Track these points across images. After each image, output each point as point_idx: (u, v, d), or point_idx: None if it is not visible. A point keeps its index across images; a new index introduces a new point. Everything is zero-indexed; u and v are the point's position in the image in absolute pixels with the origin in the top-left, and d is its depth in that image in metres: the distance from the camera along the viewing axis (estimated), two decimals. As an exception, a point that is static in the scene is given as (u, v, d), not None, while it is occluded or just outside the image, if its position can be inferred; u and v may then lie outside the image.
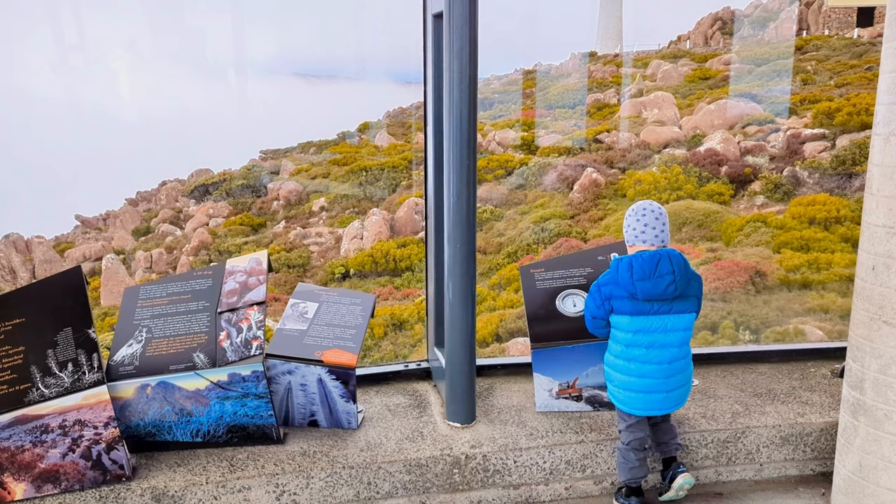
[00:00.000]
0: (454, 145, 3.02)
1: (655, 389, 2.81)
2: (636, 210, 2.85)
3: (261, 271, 3.10)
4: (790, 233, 16.43)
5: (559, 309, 3.32)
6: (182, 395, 2.84)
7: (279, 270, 20.14)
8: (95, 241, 29.50)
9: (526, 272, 3.49)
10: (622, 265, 2.79)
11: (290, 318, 3.11)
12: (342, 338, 3.03)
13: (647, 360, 2.79)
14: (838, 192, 18.38)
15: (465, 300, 3.15)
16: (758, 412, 3.32)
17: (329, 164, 29.20)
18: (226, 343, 2.88)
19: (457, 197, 3.05)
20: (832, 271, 14.36)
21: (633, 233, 2.83)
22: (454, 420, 3.22)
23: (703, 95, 27.29)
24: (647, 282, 2.72)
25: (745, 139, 22.05)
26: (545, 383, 3.30)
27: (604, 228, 18.48)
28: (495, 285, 15.19)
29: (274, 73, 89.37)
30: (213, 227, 25.61)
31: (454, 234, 3.08)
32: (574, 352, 3.23)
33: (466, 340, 3.18)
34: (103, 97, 66.89)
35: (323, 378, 2.96)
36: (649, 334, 2.78)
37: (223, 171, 32.22)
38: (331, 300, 3.20)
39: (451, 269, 3.13)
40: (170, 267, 23.93)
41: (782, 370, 3.81)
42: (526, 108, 31.52)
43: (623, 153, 22.49)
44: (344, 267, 19.20)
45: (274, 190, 27.35)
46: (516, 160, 23.24)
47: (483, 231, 19.70)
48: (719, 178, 20.03)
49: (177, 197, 32.49)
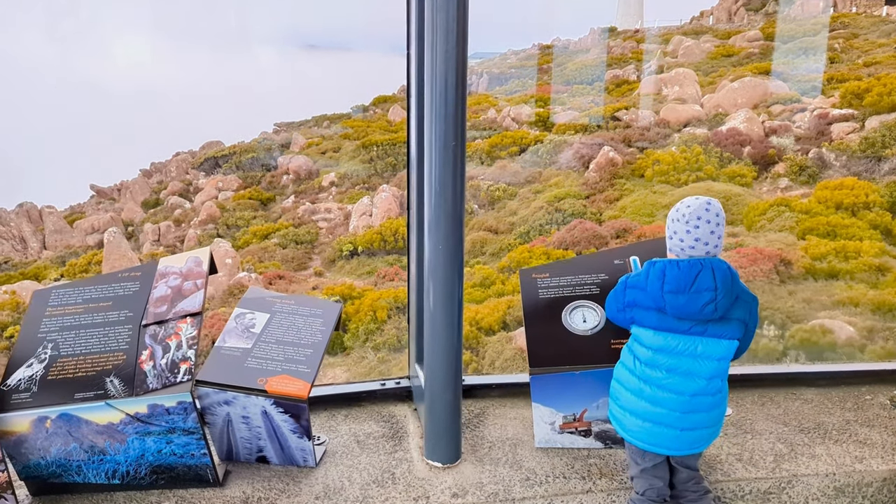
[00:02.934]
0: (437, 124, 2.41)
1: (667, 423, 2.23)
2: (688, 216, 2.19)
3: (200, 274, 2.53)
4: (816, 218, 15.68)
5: (566, 325, 2.72)
6: (91, 430, 2.28)
7: (287, 246, 19.68)
8: (105, 213, 29.24)
9: (527, 277, 2.89)
10: (653, 271, 2.22)
11: (233, 334, 2.53)
12: (294, 360, 2.45)
13: (665, 387, 2.22)
14: (867, 176, 17.56)
15: (449, 311, 2.56)
16: (806, 454, 2.72)
17: (340, 139, 28.69)
18: (148, 365, 2.31)
19: (440, 186, 2.44)
20: (861, 260, 13.63)
21: (680, 245, 2.21)
22: (434, 459, 2.65)
23: (725, 73, 26.36)
24: (681, 296, 2.14)
25: (770, 119, 21.19)
26: (546, 415, 2.72)
27: (619, 209, 17.80)
28: (505, 268, 14.56)
29: (287, 44, 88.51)
30: (222, 201, 25.21)
31: (436, 231, 2.49)
32: (583, 379, 2.64)
33: (450, 362, 2.60)
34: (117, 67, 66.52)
35: (268, 410, 2.39)
36: (673, 357, 2.21)
37: (233, 144, 31.83)
38: (285, 310, 2.62)
39: (431, 273, 2.54)
40: (177, 240, 23.57)
41: (832, 397, 3.20)
42: (542, 83, 30.69)
43: (642, 132, 21.70)
44: (352, 244, 18.68)
45: (284, 164, 26.87)
46: (531, 137, 22.52)
47: (495, 210, 19.07)
48: (741, 160, 19.25)
49: (187, 169, 32.17)
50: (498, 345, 10.37)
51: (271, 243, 20.07)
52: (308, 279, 16.82)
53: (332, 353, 12.55)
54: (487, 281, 13.96)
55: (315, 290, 14.91)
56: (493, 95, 30.70)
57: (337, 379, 11.54)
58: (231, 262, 16.76)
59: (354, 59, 63.68)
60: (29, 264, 23.02)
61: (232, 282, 15.68)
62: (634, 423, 2.28)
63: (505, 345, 10.32)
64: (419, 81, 2.72)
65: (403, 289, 14.45)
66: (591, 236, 15.44)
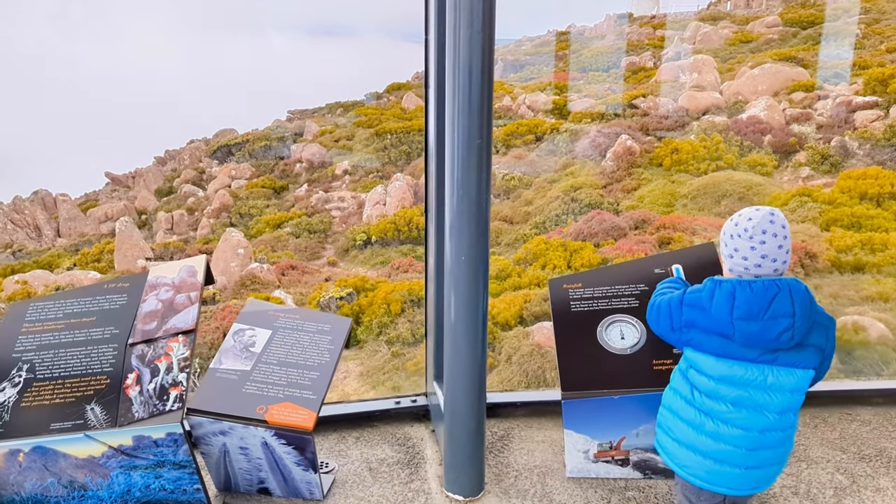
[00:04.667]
0: (461, 118, 2.12)
1: (731, 461, 1.93)
2: (751, 231, 1.87)
3: (194, 285, 2.26)
4: (840, 209, 15.26)
5: (601, 342, 2.44)
6: (70, 464, 2.03)
7: (300, 235, 19.50)
8: (119, 201, 29.22)
9: (557, 288, 2.60)
10: (720, 293, 1.88)
11: (230, 353, 2.27)
12: (298, 384, 2.18)
13: (730, 422, 1.91)
14: (891, 166, 17.08)
15: (473, 329, 2.29)
16: (870, 488, 2.43)
17: (353, 126, 28.46)
18: (133, 391, 2.06)
19: (463, 189, 2.16)
20: (888, 253, 13.22)
21: (744, 265, 1.88)
22: (455, 491, 2.39)
23: (744, 60, 25.81)
24: (753, 323, 1.82)
25: (791, 106, 20.69)
26: (580, 442, 2.44)
27: (637, 199, 17.44)
28: (521, 260, 14.27)
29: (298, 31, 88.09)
30: (235, 189, 25.06)
31: (458, 239, 2.21)
32: (621, 404, 2.35)
33: (473, 384, 2.33)
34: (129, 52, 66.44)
35: (269, 442, 2.13)
36: (739, 387, 1.89)
37: (246, 132, 31.71)
38: (289, 326, 2.35)
39: (454, 285, 2.26)
40: (191, 228, 23.47)
41: (892, 418, 2.90)
42: (558, 70, 30.25)
43: (660, 120, 21.27)
44: (366, 234, 18.46)
45: (297, 152, 26.69)
46: (547, 125, 22.15)
47: (511, 199, 18.76)
48: (762, 148, 18.81)
49: (200, 157, 32.10)
50: (515, 340, 10.09)
51: (284, 232, 19.90)
52: (321, 269, 16.62)
53: (346, 347, 12.32)
54: (503, 273, 13.66)
55: (328, 282, 14.70)
56: (508, 83, 30.30)
57: (350, 373, 11.34)
58: (243, 253, 16.59)
59: (368, 46, 63.35)
60: (43, 252, 23.01)
61: (244, 273, 15.50)
62: (691, 458, 1.98)
63: (522, 340, 10.03)
64: (439, 69, 2.44)
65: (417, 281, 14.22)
66: (609, 227, 15.10)
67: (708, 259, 2.58)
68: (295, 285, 15.17)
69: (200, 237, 22.01)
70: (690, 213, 16.25)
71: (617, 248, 13.54)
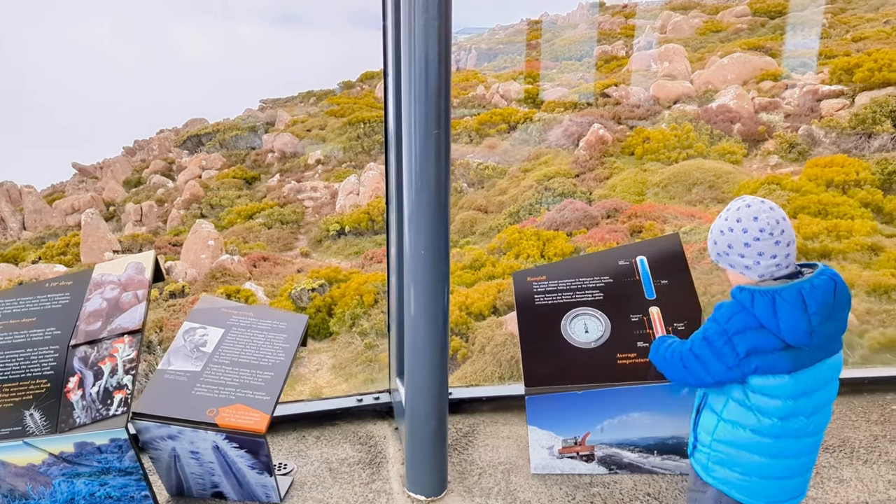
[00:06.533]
0: (417, 107, 2.05)
1: (803, 471, 1.81)
2: (767, 227, 1.73)
3: (141, 283, 2.17)
4: (807, 196, 15.45)
5: (565, 336, 2.39)
6: (9, 473, 1.93)
7: (272, 226, 19.28)
8: (86, 192, 28.67)
9: (521, 281, 2.55)
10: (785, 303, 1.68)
11: (180, 354, 2.18)
12: (251, 385, 2.11)
13: (806, 433, 1.76)
14: (856, 153, 17.32)
15: (433, 324, 2.23)
16: (834, 479, 2.42)
17: (326, 116, 28.19)
18: (75, 395, 1.96)
19: (421, 181, 2.09)
20: (853, 240, 13.41)
21: (774, 263, 1.74)
22: (417, 491, 2.33)
23: (714, 49, 25.99)
24: (830, 323, 1.70)
25: (759, 95, 20.90)
26: (544, 439, 2.40)
27: (610, 188, 17.49)
28: (495, 250, 14.24)
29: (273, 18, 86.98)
30: (206, 180, 24.70)
31: (416, 233, 2.14)
32: (585, 399, 2.31)
33: (435, 379, 2.27)
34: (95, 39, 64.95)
35: (220, 445, 2.05)
36: (813, 395, 1.74)
37: (217, 122, 31.29)
38: (242, 324, 2.27)
39: (413, 279, 2.20)
40: (160, 220, 23.10)
41: (855, 407, 2.90)
42: (531, 59, 30.22)
43: (631, 109, 21.35)
44: (339, 224, 18.31)
45: (268, 142, 26.38)
46: (520, 114, 22.12)
47: (485, 188, 18.73)
48: (732, 137, 18.98)
49: (170, 147, 31.61)
50: (488, 330, 10.06)
51: (256, 223, 19.65)
52: (294, 260, 16.45)
53: (318, 339, 12.24)
54: (477, 263, 13.62)
55: (300, 274, 14.55)
56: (482, 72, 30.22)
57: (323, 366, 11.24)
58: (214, 244, 16.35)
59: (339, 34, 62.74)
60: (7, 245, 22.49)
61: (215, 265, 15.28)
62: (773, 486, 1.82)
63: (495, 330, 10.01)
64: (397, 57, 2.36)
65: (390, 272, 14.08)
66: (582, 216, 15.13)
67: (672, 250, 2.54)
68: (266, 277, 14.98)
69: (170, 229, 21.66)
70: (662, 201, 16.35)
71: (589, 236, 13.56)
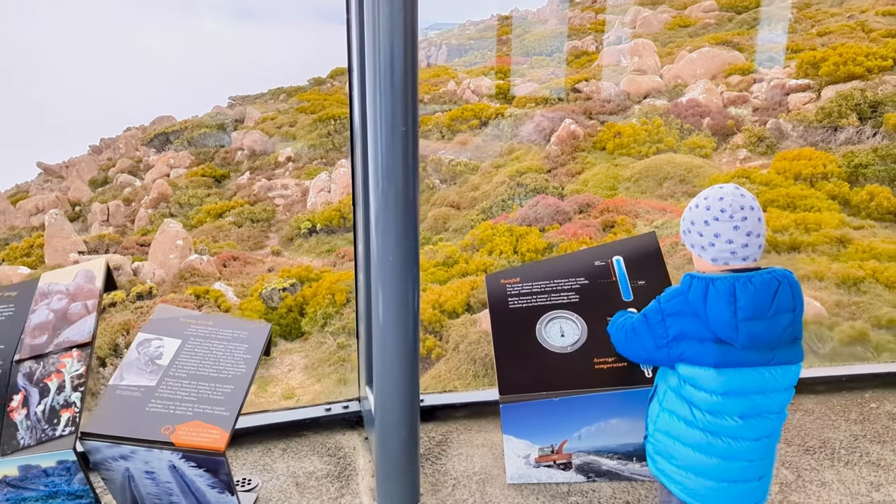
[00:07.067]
0: (383, 104, 1.94)
1: (745, 477, 1.78)
2: (729, 210, 1.70)
3: (91, 293, 2.04)
4: (776, 189, 15.63)
5: (541, 340, 2.31)
6: (-53, 501, 1.80)
7: (242, 225, 19.01)
8: (51, 192, 28.06)
9: (494, 283, 2.46)
10: (715, 293, 1.67)
11: (133, 368, 2.05)
12: (210, 400, 1.99)
13: (741, 436, 1.74)
14: (823, 146, 17.56)
15: (403, 329, 2.13)
16: (816, 482, 2.37)
17: (296, 112, 27.91)
18: (19, 414, 1.83)
19: (388, 181, 1.99)
20: (822, 232, 13.59)
21: (730, 248, 1.70)
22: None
23: (682, 44, 26.21)
24: (760, 323, 1.66)
25: (728, 90, 21.10)
26: (520, 448, 2.31)
27: (582, 183, 17.53)
28: (468, 246, 14.17)
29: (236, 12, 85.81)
30: (174, 179, 24.30)
31: (384, 236, 2.04)
32: (562, 406, 2.23)
33: (405, 388, 2.17)
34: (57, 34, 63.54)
35: (177, 465, 1.93)
36: (746, 398, 1.72)
37: (185, 119, 30.83)
38: (201, 334, 2.15)
39: (382, 284, 2.10)
40: (128, 220, 22.67)
41: (834, 406, 2.86)
42: (501, 55, 30.20)
43: (602, 104, 21.42)
44: (310, 222, 18.12)
45: (238, 139, 26.03)
46: (491, 110, 22.08)
47: (458, 185, 18.66)
48: (701, 131, 19.15)
49: (137, 146, 31.06)
50: (462, 328, 9.99)
51: (226, 222, 19.37)
52: (265, 259, 16.23)
53: (290, 339, 12.08)
54: (451, 260, 13.55)
55: (270, 273, 14.35)
56: (453, 67, 30.14)
57: (295, 367, 11.08)
58: (182, 244, 16.06)
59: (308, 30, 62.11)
60: (-31, 247, 21.91)
61: (183, 265, 15.01)
62: (704, 484, 1.79)
63: (469, 328, 9.93)
64: (361, 51, 2.25)
65: (362, 270, 13.94)
66: (554, 212, 15.12)
67: (650, 249, 2.47)
68: (237, 277, 14.75)
69: (138, 228, 21.27)
70: (633, 195, 16.40)
71: (562, 232, 13.56)
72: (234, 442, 2.47)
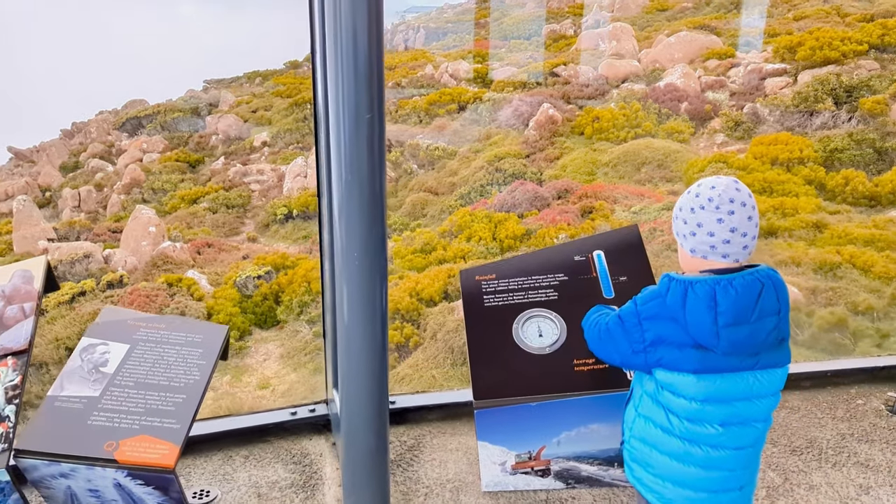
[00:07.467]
0: (346, 88, 1.79)
1: (726, 487, 1.66)
2: (717, 200, 1.57)
3: (29, 294, 1.87)
4: (753, 174, 15.66)
5: (518, 341, 2.18)
6: None
7: (217, 211, 18.71)
8: (20, 177, 27.43)
9: (469, 280, 2.32)
10: (695, 297, 1.55)
11: (75, 376, 1.89)
12: (159, 411, 1.83)
13: (722, 445, 1.62)
14: (799, 131, 17.63)
15: (371, 330, 1.98)
16: (803, 485, 2.28)
17: (271, 96, 27.49)
18: (-54, 432, 1.67)
19: (352, 174, 1.83)
20: (799, 217, 13.65)
21: (710, 242, 1.58)
22: (355, 517, 2.10)
23: (660, 28, 26.16)
24: (742, 328, 1.53)
25: (706, 74, 21.10)
26: (495, 454, 2.19)
27: (560, 168, 17.45)
28: (446, 233, 14.03)
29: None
30: (147, 164, 23.83)
31: (349, 233, 1.89)
32: (540, 411, 2.10)
33: (373, 391, 2.03)
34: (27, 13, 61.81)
35: (123, 483, 1.77)
36: (728, 405, 1.60)
37: (158, 103, 30.25)
38: (152, 338, 1.98)
39: (346, 284, 1.95)
40: (100, 206, 22.23)
41: (820, 403, 2.77)
42: (480, 38, 29.94)
43: (580, 88, 21.32)
44: (286, 207, 17.87)
45: (212, 124, 25.59)
46: (470, 94, 21.88)
47: (435, 170, 18.49)
48: (679, 116, 19.14)
49: (109, 130, 30.45)
50: (440, 316, 9.88)
51: (200, 208, 19.06)
52: (240, 246, 15.98)
53: (265, 328, 11.91)
54: (428, 246, 13.41)
55: (245, 260, 14.12)
56: (430, 51, 29.85)
57: (270, 355, 10.91)
58: (155, 231, 15.75)
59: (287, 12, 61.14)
60: (-63, 234, 21.37)
61: (156, 252, 14.71)
62: (682, 494, 1.68)
63: (447, 316, 9.83)
64: (322, 31, 2.09)
65: (339, 257, 13.75)
66: (533, 197, 15.02)
67: (632, 243, 2.35)
68: (211, 264, 14.50)
69: (110, 215, 20.86)
70: (612, 181, 16.35)
71: (541, 218, 13.47)
72: (192, 449, 2.33)
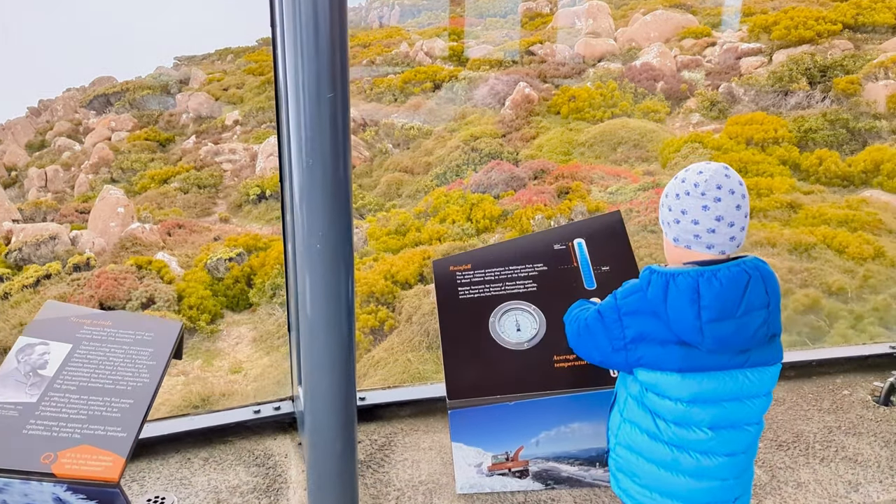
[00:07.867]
0: (306, 65, 1.63)
1: (717, 499, 1.54)
2: (703, 186, 1.45)
3: None
4: (728, 154, 15.69)
5: (494, 336, 2.05)
6: None
7: (188, 191, 18.35)
8: (-18, 157, 26.71)
9: (442, 270, 2.18)
10: (676, 290, 1.43)
11: (9, 380, 1.72)
12: (103, 418, 1.67)
13: (712, 451, 1.50)
14: (774, 111, 17.68)
15: (336, 324, 1.84)
16: (791, 482, 2.19)
17: (243, 74, 26.97)
18: None
19: (313, 158, 1.68)
20: (773, 197, 13.71)
21: (694, 230, 1.46)
22: (321, 525, 1.97)
23: (636, 6, 26.05)
24: (728, 323, 1.41)
25: (682, 53, 21.05)
26: (471, 456, 2.07)
27: (536, 148, 17.34)
28: (421, 213, 13.87)
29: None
30: (116, 143, 23.28)
31: (311, 222, 1.74)
32: (517, 410, 1.98)
33: (340, 389, 1.89)
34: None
35: (63, 497, 1.62)
36: (717, 406, 1.48)
37: (126, 81, 29.52)
38: (97, 337, 1.82)
39: (309, 275, 1.80)
40: (67, 185, 21.70)
41: (805, 394, 2.69)
42: (455, 16, 29.59)
43: (557, 67, 21.16)
44: (259, 187, 17.57)
45: (182, 102, 25.04)
46: (445, 72, 21.62)
47: (411, 150, 18.28)
48: (655, 95, 19.10)
49: (76, 108, 29.69)
50: (415, 299, 9.76)
51: (171, 188, 18.69)
52: (212, 227, 15.69)
53: (238, 311, 11.70)
54: (403, 228, 13.25)
55: (217, 242, 13.85)
56: (406, 28, 29.46)
57: (243, 339, 10.72)
58: (124, 211, 15.37)
59: (257, -13, 60.04)
60: None
61: (124, 234, 14.37)
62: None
63: (422, 299, 9.72)
64: (281, 2, 1.92)
65: (312, 238, 13.55)
66: (509, 178, 14.90)
67: (614, 230, 2.23)
68: (181, 246, 14.21)
69: (78, 195, 20.37)
70: (588, 161, 16.27)
71: (517, 198, 13.37)
72: (148, 451, 2.18)
